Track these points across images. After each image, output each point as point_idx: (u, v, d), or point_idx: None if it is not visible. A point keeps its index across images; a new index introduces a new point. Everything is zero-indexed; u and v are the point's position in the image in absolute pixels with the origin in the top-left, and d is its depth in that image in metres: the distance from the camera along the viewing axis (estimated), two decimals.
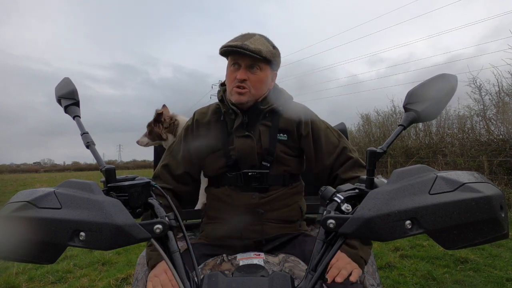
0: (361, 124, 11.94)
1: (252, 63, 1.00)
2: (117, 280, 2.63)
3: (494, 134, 6.52)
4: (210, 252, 0.99)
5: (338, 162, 1.05)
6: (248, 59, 0.99)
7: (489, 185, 0.40)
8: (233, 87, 1.02)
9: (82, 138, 0.60)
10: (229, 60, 1.04)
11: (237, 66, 1.01)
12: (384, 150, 0.52)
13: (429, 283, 2.42)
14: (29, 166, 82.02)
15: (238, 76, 1.00)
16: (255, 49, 0.96)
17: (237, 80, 1.00)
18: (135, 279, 1.03)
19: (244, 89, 1.00)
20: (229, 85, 1.04)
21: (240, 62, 1.00)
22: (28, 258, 0.43)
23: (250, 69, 1.01)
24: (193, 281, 0.49)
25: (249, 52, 0.95)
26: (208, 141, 1.08)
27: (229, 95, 1.04)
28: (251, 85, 1.01)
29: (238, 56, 1.00)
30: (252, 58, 0.98)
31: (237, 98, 1.01)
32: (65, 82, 0.67)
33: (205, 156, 1.09)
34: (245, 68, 1.00)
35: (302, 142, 1.07)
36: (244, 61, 1.00)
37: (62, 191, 0.44)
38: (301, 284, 0.48)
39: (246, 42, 0.97)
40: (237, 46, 0.95)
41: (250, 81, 1.01)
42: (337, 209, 0.49)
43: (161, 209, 0.53)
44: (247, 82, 1.00)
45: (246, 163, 1.04)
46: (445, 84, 0.56)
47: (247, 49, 0.95)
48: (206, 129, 1.11)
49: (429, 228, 0.39)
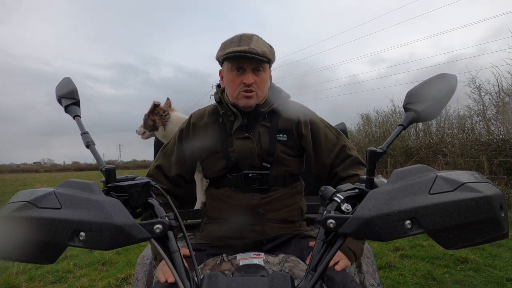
0: (361, 124, 11.96)
1: (257, 65, 1.00)
2: (117, 280, 2.63)
3: (494, 134, 6.52)
4: (210, 252, 0.99)
5: (338, 160, 1.05)
6: (254, 62, 0.98)
7: (489, 185, 0.40)
8: (240, 91, 1.00)
9: (82, 138, 0.60)
10: (230, 64, 1.01)
11: (242, 71, 1.00)
12: (384, 150, 0.52)
13: (429, 283, 2.41)
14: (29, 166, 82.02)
15: (246, 81, 0.99)
16: (262, 52, 0.96)
17: (244, 85, 0.99)
18: (135, 279, 1.03)
19: (252, 92, 1.00)
20: (234, 90, 1.02)
21: (245, 66, 0.99)
22: (28, 258, 0.43)
23: (255, 72, 1.00)
24: (193, 281, 0.50)
25: (257, 56, 0.95)
26: (206, 143, 1.07)
27: (234, 99, 1.04)
28: (257, 87, 1.01)
29: (243, 60, 0.98)
30: (258, 61, 0.98)
31: (246, 102, 1.01)
32: (66, 82, 0.67)
33: (203, 158, 1.09)
34: (250, 72, 0.99)
35: (302, 141, 1.07)
36: (250, 64, 0.99)
37: (62, 191, 0.45)
38: (301, 284, 0.48)
39: (252, 46, 0.96)
40: (246, 51, 0.94)
41: (256, 83, 1.01)
42: (337, 209, 0.49)
43: (161, 209, 0.53)
44: (253, 85, 1.00)
45: (246, 164, 1.04)
46: (445, 84, 0.56)
47: (255, 53, 0.95)
48: (203, 131, 1.10)
49: (429, 228, 0.39)
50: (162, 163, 1.12)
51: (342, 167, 1.04)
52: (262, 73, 1.02)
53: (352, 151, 1.06)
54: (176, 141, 1.13)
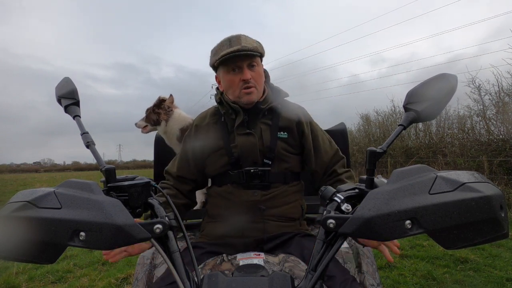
0: (361, 124, 11.95)
1: (251, 61, 1.06)
2: (117, 280, 2.63)
3: (494, 134, 6.52)
4: (210, 250, 0.99)
5: (334, 160, 1.15)
6: (248, 58, 1.04)
7: (489, 185, 0.40)
8: (241, 89, 1.06)
9: (82, 138, 0.60)
10: (226, 67, 1.07)
11: (238, 70, 1.06)
12: (384, 150, 0.52)
13: (429, 283, 2.42)
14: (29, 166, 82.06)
15: (244, 77, 1.04)
16: (253, 47, 1.03)
17: (243, 82, 1.05)
18: (135, 279, 1.03)
19: (252, 88, 1.06)
20: (234, 90, 1.07)
21: (240, 65, 1.05)
22: (28, 258, 0.43)
23: (250, 68, 1.06)
24: (193, 281, 0.49)
25: (250, 52, 1.01)
26: (208, 141, 1.11)
27: (236, 98, 1.09)
28: (255, 81, 1.07)
29: (237, 59, 1.04)
30: (251, 57, 1.04)
31: (248, 98, 1.06)
32: (65, 82, 0.67)
33: (206, 156, 1.12)
34: (246, 68, 1.05)
35: (303, 139, 1.13)
36: (245, 61, 1.05)
37: (62, 191, 0.44)
38: (301, 284, 0.48)
39: (243, 44, 1.02)
40: (239, 49, 1.00)
41: (253, 78, 1.06)
42: (337, 209, 0.49)
43: (161, 209, 0.53)
44: (251, 81, 1.06)
45: (248, 160, 1.07)
46: (445, 84, 0.56)
47: (248, 50, 1.01)
48: (205, 131, 1.15)
49: (429, 228, 0.39)
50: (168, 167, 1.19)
51: (339, 165, 1.15)
52: (257, 67, 1.08)
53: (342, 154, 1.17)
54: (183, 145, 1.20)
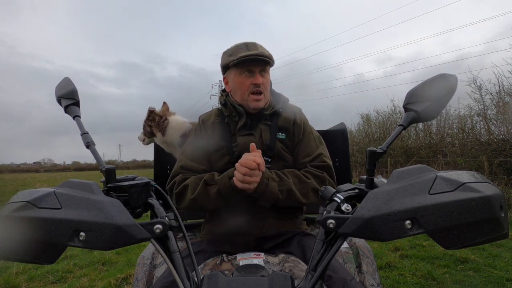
0: (361, 124, 11.95)
1: (264, 67, 1.12)
2: (117, 280, 2.63)
3: (495, 134, 6.51)
4: (210, 250, 0.99)
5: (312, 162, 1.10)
6: (262, 64, 1.10)
7: (489, 185, 0.40)
8: (249, 93, 1.11)
9: (82, 138, 0.60)
10: (239, 69, 1.11)
11: (250, 73, 1.11)
12: (384, 150, 0.52)
13: (429, 283, 2.41)
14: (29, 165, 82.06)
15: (256, 81, 1.10)
16: (269, 55, 1.10)
17: (254, 86, 1.10)
18: (135, 279, 1.04)
19: (261, 95, 1.12)
20: (243, 92, 1.12)
21: (253, 69, 1.11)
22: (28, 258, 0.43)
23: (262, 73, 1.12)
24: (193, 281, 0.50)
25: (266, 58, 1.08)
26: (212, 140, 1.15)
27: (243, 101, 1.13)
28: (264, 87, 1.12)
29: (252, 64, 1.09)
30: (264, 63, 1.10)
31: (256, 104, 1.12)
32: (65, 82, 0.67)
33: (209, 154, 1.15)
34: (258, 73, 1.11)
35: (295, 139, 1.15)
36: (259, 67, 1.11)
37: (62, 191, 0.44)
38: (301, 284, 0.48)
39: (260, 50, 1.09)
40: (258, 54, 1.07)
41: (263, 84, 1.12)
42: (337, 209, 0.49)
43: (161, 209, 0.53)
44: (261, 86, 1.11)
45: None
46: (445, 84, 0.56)
47: (264, 56, 1.07)
48: (211, 129, 1.19)
49: (429, 228, 0.39)
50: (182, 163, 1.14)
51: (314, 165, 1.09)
52: (267, 74, 1.14)
53: (327, 159, 1.12)
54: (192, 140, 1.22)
